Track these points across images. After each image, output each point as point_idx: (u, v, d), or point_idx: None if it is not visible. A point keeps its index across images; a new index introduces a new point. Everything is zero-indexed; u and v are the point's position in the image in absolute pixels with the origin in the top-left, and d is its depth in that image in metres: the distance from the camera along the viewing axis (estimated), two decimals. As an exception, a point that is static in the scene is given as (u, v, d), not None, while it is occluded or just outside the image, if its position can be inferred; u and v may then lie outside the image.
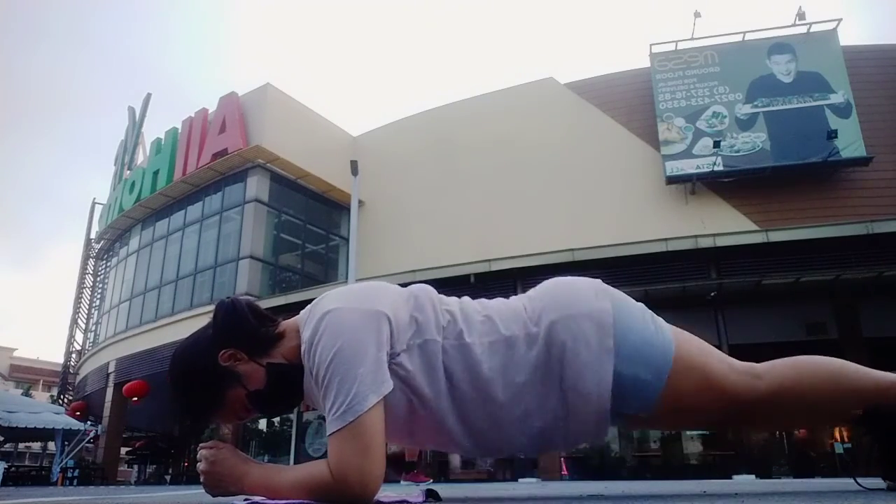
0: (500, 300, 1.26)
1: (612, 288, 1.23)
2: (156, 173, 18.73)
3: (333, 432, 1.02)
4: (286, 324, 1.20)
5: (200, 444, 1.16)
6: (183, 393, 1.17)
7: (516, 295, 1.31)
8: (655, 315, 1.22)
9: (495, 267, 12.12)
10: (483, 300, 1.27)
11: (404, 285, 1.26)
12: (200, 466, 1.12)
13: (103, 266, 23.60)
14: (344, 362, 1.03)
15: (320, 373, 1.05)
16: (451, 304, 1.22)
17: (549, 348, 1.13)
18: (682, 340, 1.18)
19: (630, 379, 1.12)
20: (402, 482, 4.63)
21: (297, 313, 1.20)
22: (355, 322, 1.06)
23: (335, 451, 1.02)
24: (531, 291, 1.26)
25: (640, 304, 1.23)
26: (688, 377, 1.15)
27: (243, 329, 1.15)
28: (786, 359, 1.21)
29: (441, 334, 1.14)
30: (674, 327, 1.22)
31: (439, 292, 1.28)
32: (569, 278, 1.26)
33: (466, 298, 1.28)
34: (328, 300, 1.12)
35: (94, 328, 23.29)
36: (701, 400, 1.16)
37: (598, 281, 1.24)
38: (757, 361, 1.22)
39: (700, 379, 1.15)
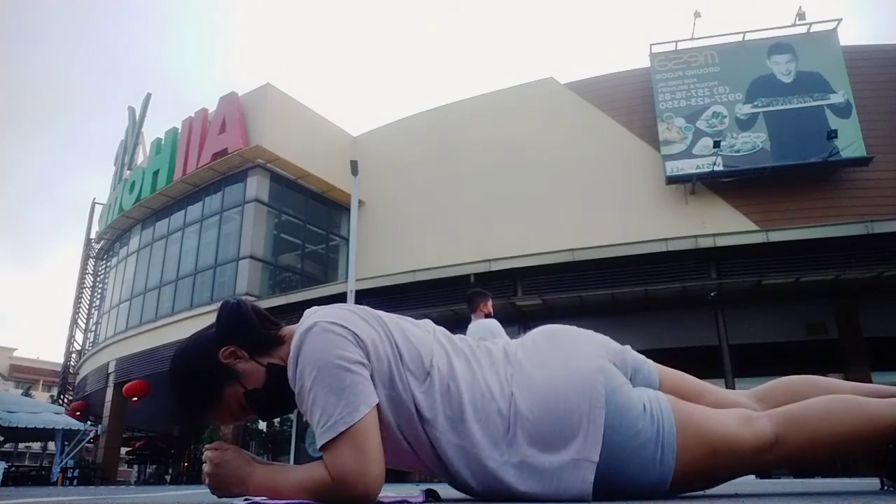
0: (492, 351, 1.21)
1: (612, 375, 1.14)
2: (156, 173, 18.73)
3: (326, 443, 1.01)
4: (288, 328, 1.20)
5: (206, 446, 1.16)
6: (181, 387, 1.17)
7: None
8: (651, 402, 1.11)
9: (495, 267, 12.11)
10: (475, 346, 1.22)
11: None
12: (205, 467, 1.13)
13: (103, 266, 23.60)
14: (328, 377, 1.02)
15: (305, 387, 1.04)
16: (438, 364, 1.14)
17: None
18: (680, 426, 1.09)
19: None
20: None
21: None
22: (337, 339, 1.06)
23: (331, 456, 1.01)
24: (522, 349, 1.21)
25: (636, 396, 1.12)
26: (692, 469, 1.10)
27: (246, 328, 1.16)
28: (795, 405, 1.13)
29: (413, 403, 1.10)
30: (673, 400, 1.13)
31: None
32: (567, 361, 1.16)
33: (458, 345, 1.22)
34: (315, 315, 1.12)
35: (94, 328, 23.29)
36: (713, 468, 1.12)
37: (598, 365, 1.14)
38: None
39: (708, 460, 1.10)
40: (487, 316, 5.07)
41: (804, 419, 1.09)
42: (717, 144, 14.30)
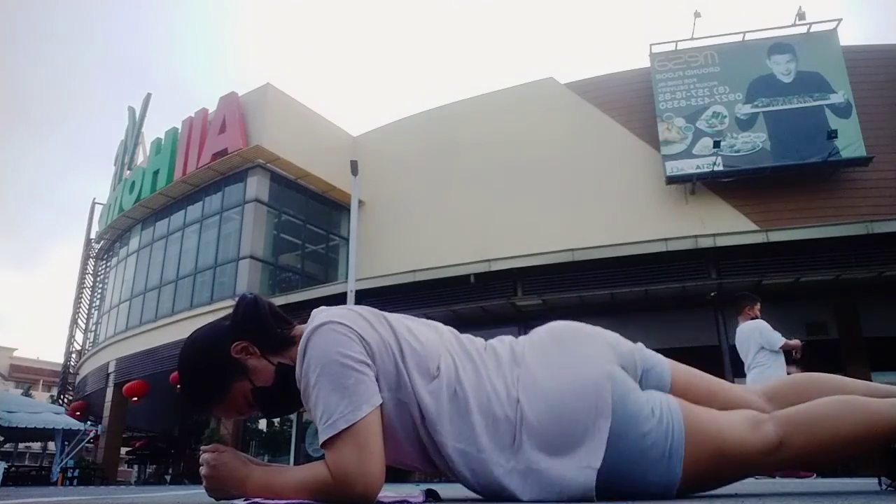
0: (499, 353, 1.20)
1: (620, 382, 1.12)
2: (156, 173, 18.72)
3: (327, 439, 1.02)
4: (299, 328, 1.20)
5: (202, 448, 1.16)
6: (190, 377, 1.17)
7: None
8: (661, 407, 1.11)
9: (495, 267, 12.08)
10: (482, 347, 1.22)
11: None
12: (202, 471, 1.13)
13: (103, 266, 23.59)
14: (332, 375, 1.03)
15: (309, 385, 1.05)
16: (445, 367, 1.14)
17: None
18: (689, 431, 1.09)
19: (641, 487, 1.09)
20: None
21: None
22: (342, 339, 1.06)
23: (333, 453, 1.02)
24: (530, 349, 1.20)
25: (644, 401, 1.11)
26: (700, 472, 1.10)
27: (261, 325, 1.16)
28: (800, 407, 1.14)
29: (418, 406, 1.09)
30: (684, 405, 1.12)
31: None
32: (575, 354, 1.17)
33: (465, 345, 1.21)
34: (322, 315, 1.12)
35: (94, 328, 23.29)
36: (721, 471, 1.14)
37: (606, 372, 1.12)
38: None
39: (716, 463, 1.11)
40: (755, 318, 5.52)
41: (808, 422, 1.11)
42: (717, 144, 14.29)
